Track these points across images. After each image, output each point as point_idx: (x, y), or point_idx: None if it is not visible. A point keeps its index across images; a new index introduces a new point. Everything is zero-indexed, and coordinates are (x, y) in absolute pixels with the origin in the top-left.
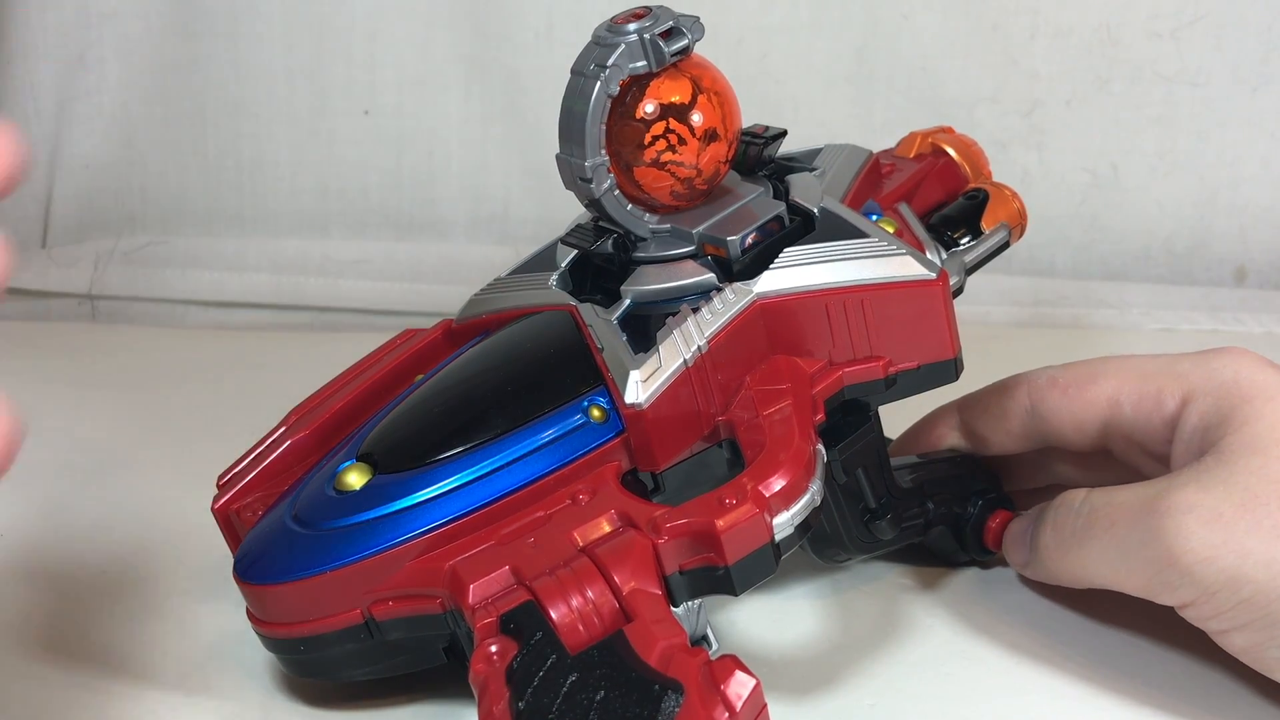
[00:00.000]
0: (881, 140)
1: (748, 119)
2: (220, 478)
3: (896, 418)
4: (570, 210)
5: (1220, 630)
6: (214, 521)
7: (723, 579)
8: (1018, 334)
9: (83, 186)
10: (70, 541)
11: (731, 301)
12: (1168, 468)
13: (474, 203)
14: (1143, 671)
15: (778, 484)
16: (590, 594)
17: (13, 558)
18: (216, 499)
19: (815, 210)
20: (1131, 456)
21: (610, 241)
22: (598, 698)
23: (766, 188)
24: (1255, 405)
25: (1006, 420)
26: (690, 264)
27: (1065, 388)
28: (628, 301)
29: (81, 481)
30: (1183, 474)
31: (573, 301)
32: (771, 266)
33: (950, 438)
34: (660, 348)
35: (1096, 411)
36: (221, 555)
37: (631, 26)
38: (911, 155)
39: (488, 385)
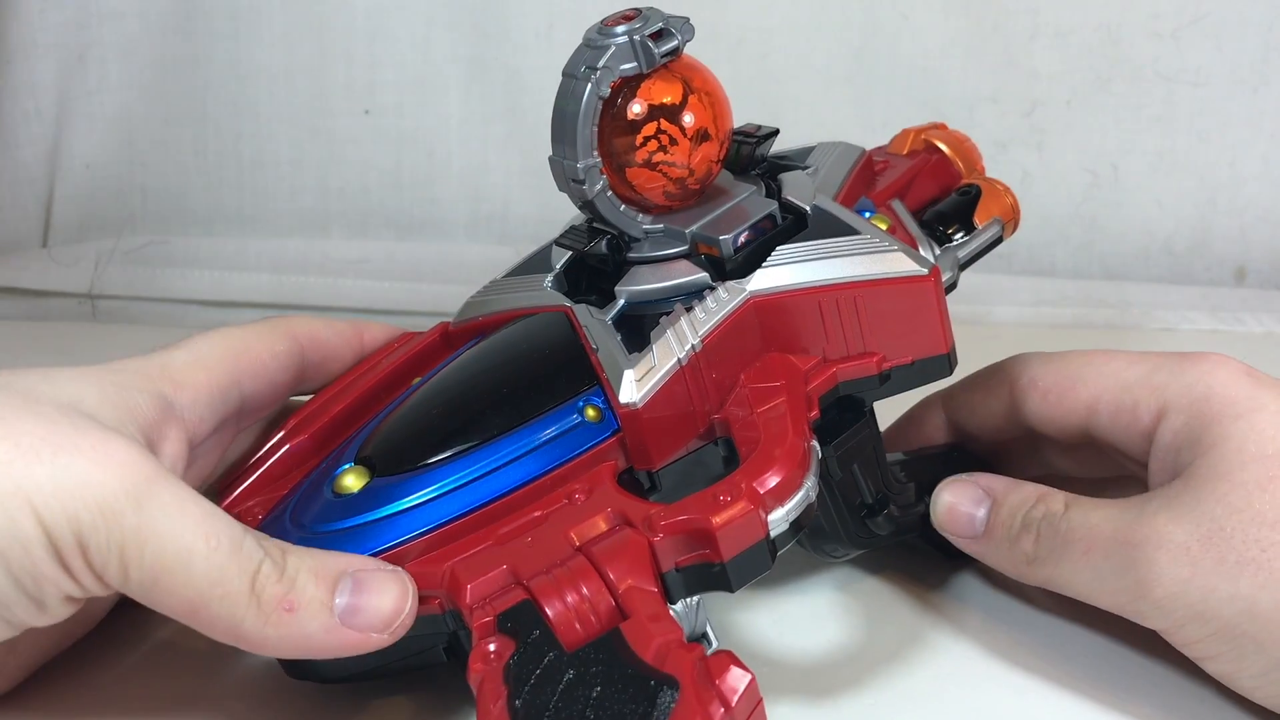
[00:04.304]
0: (881, 140)
1: (749, 118)
2: (220, 481)
3: (894, 413)
4: (570, 210)
5: (1197, 658)
6: None
7: (719, 575)
8: (1018, 334)
9: (83, 186)
10: None
11: (725, 300)
12: (1147, 472)
13: (474, 203)
14: (1140, 674)
15: (772, 480)
16: (586, 592)
17: None
18: (217, 503)
19: (807, 208)
20: (1115, 456)
21: (604, 242)
22: (594, 694)
23: (759, 186)
24: (1224, 425)
25: (991, 418)
26: (684, 263)
27: (1045, 392)
28: (622, 302)
29: None
30: (1154, 501)
31: (567, 302)
32: (764, 264)
33: (937, 434)
34: (654, 347)
35: (1076, 418)
36: None
37: (621, 28)
38: (904, 152)
39: (484, 387)
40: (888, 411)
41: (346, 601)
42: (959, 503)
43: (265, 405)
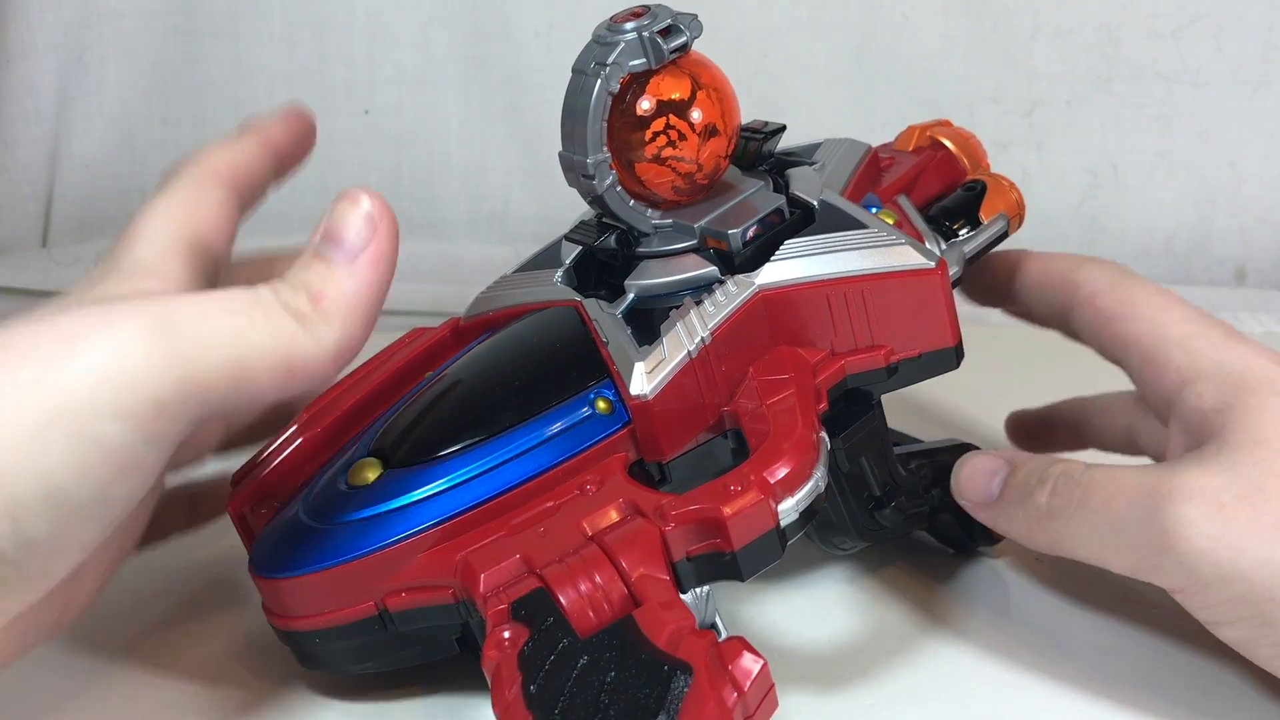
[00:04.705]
0: (881, 140)
1: (748, 118)
2: (235, 475)
3: (902, 407)
4: (570, 208)
5: (1211, 621)
6: (216, 523)
7: (729, 565)
8: (1018, 334)
9: (83, 186)
10: None
11: (734, 293)
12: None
13: (474, 202)
14: (1144, 672)
15: (782, 471)
16: (599, 580)
17: None
18: (231, 496)
19: (815, 203)
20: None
21: (613, 237)
22: (608, 679)
23: (767, 182)
24: (1260, 396)
25: (1043, 294)
26: (692, 258)
27: (1098, 310)
28: (631, 295)
29: None
30: (1185, 460)
31: (577, 297)
32: (773, 258)
33: (997, 276)
34: (664, 340)
35: (1113, 345)
36: (232, 549)
37: (630, 25)
38: (910, 148)
39: (496, 380)
40: (895, 405)
41: (336, 245)
42: (978, 470)
43: (225, 250)
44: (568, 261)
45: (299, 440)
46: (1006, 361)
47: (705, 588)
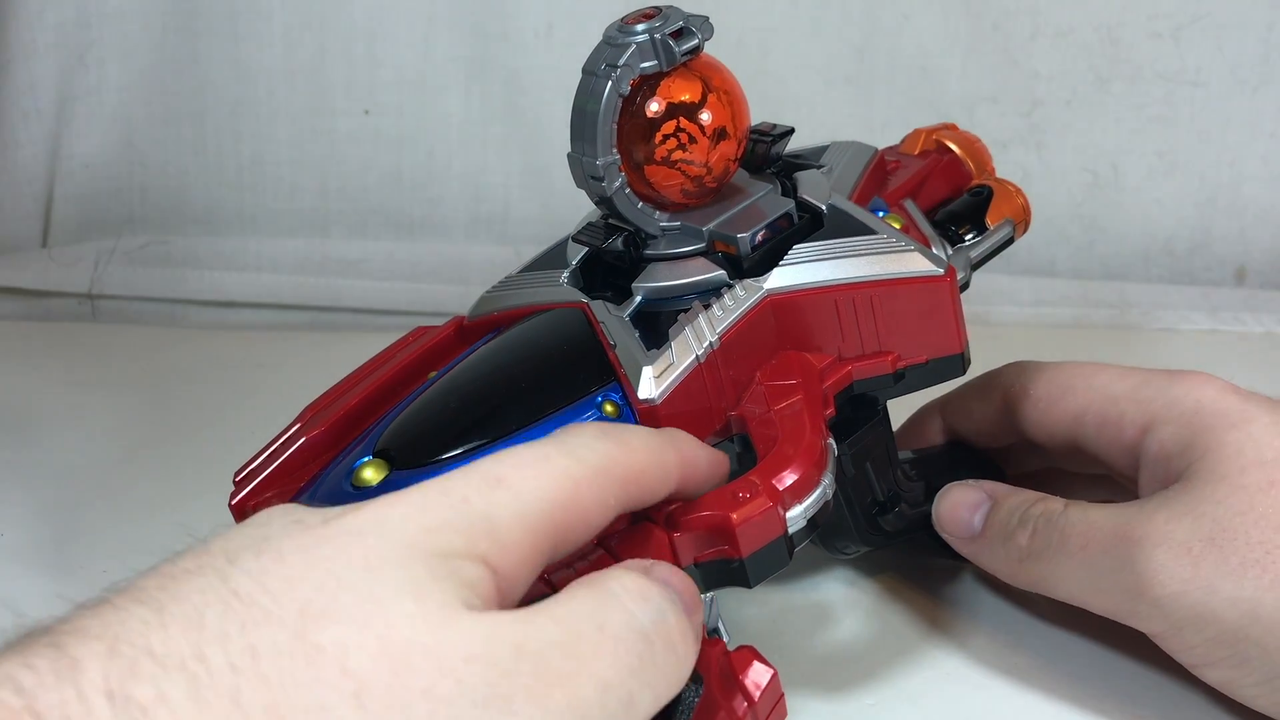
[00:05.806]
0: (882, 141)
1: (752, 119)
2: (236, 473)
3: (900, 415)
4: (571, 210)
5: (1193, 664)
6: (215, 521)
7: (737, 571)
8: (1018, 334)
9: (83, 186)
10: (70, 541)
11: (742, 298)
12: (1135, 485)
13: (474, 203)
14: (1136, 679)
15: (790, 478)
16: None
17: (13, 558)
18: (234, 494)
19: (823, 207)
20: (1104, 467)
21: (621, 239)
22: None
23: (775, 185)
24: (1217, 434)
25: (985, 424)
26: (701, 261)
27: (1036, 401)
28: (639, 298)
29: (81, 481)
30: (1153, 501)
31: (584, 298)
32: (781, 263)
33: (936, 440)
34: (672, 344)
35: (1064, 426)
36: None
37: (641, 27)
38: (916, 152)
39: (501, 381)
40: (895, 413)
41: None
42: (960, 504)
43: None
44: (574, 263)
45: (301, 439)
46: (1007, 362)
47: (709, 593)
